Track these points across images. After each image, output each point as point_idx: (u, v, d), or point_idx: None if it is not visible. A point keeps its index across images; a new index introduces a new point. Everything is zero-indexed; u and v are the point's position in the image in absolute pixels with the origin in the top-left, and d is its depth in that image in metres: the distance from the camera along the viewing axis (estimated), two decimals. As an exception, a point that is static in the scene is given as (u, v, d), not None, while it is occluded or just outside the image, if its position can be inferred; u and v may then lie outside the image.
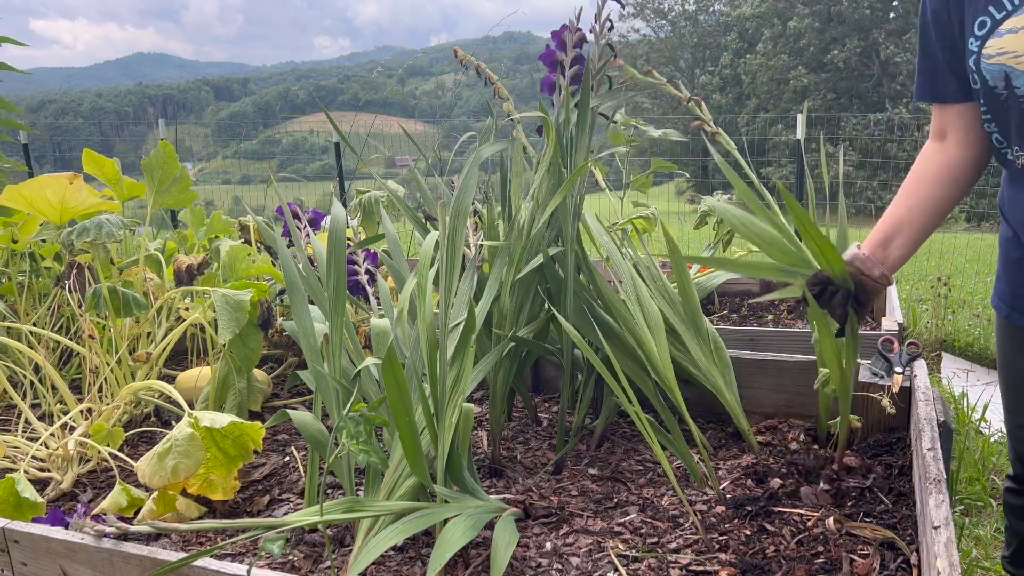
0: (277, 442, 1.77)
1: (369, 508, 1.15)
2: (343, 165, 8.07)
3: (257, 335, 1.80)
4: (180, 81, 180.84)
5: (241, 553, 1.30)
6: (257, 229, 2.52)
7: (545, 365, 1.99)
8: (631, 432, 1.73)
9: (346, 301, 1.42)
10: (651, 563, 1.20)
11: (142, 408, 1.89)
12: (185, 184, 2.15)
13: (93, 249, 1.95)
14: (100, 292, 1.74)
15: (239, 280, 1.94)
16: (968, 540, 2.42)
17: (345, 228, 1.44)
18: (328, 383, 1.37)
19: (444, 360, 1.22)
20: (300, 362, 2.25)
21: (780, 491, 1.39)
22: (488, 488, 1.46)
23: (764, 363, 1.73)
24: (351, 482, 1.34)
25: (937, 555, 0.97)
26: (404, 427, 1.14)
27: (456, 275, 1.29)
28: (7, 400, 2.06)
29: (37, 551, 1.17)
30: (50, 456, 1.61)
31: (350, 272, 1.87)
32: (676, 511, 1.37)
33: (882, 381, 1.57)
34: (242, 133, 22.30)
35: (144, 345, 1.98)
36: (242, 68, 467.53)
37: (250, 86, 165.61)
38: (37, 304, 2.27)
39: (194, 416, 1.40)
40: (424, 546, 1.28)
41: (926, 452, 1.26)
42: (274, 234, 1.47)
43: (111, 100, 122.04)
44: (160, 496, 1.38)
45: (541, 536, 1.30)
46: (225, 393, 1.78)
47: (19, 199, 1.92)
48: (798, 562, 1.16)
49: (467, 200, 1.34)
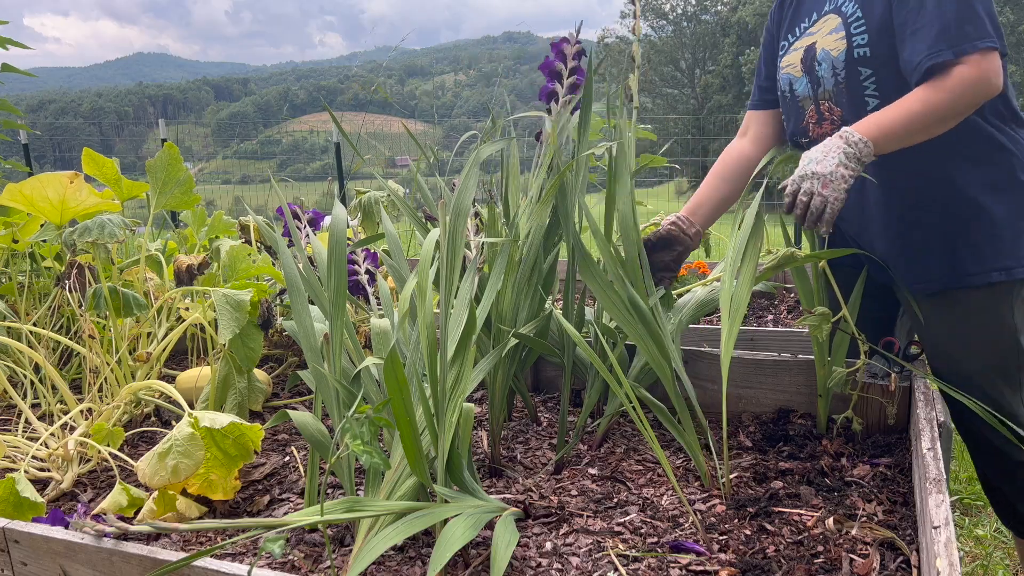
0: (277, 442, 1.77)
1: (369, 508, 1.15)
2: (343, 165, 8.08)
3: (257, 335, 1.81)
4: (180, 81, 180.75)
5: (241, 553, 1.30)
6: (257, 229, 2.52)
7: (545, 365, 1.99)
8: (632, 431, 1.73)
9: (346, 301, 1.42)
10: (651, 563, 1.20)
11: (142, 408, 1.89)
12: (188, 186, 2.15)
13: (94, 249, 1.95)
14: (100, 292, 1.74)
15: (239, 280, 1.94)
16: (968, 540, 2.42)
17: (345, 228, 1.44)
18: (328, 383, 1.37)
19: (444, 360, 1.22)
20: (300, 362, 2.25)
21: (780, 491, 1.39)
22: (488, 488, 1.46)
23: (764, 363, 1.73)
24: (351, 482, 1.34)
25: (937, 555, 0.97)
26: (405, 427, 1.14)
27: (456, 275, 1.29)
28: (7, 400, 2.06)
29: (37, 551, 1.17)
30: (50, 456, 1.61)
31: (350, 272, 1.87)
32: (676, 511, 1.37)
33: (880, 381, 1.57)
34: (242, 133, 22.32)
35: (144, 345, 1.98)
36: (242, 68, 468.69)
37: (250, 86, 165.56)
38: (37, 304, 2.27)
39: (194, 416, 1.40)
40: (424, 546, 1.28)
41: (926, 452, 1.26)
42: (274, 234, 1.47)
43: (111, 100, 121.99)
44: (160, 496, 1.38)
45: (541, 536, 1.30)
46: (225, 393, 1.78)
47: (19, 198, 1.92)
48: (798, 562, 1.16)
49: (467, 200, 1.34)
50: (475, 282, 1.36)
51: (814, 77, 1.64)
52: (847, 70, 1.57)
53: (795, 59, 1.69)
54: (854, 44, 1.55)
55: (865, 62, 1.55)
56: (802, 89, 1.68)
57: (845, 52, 1.56)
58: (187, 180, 2.13)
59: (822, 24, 1.63)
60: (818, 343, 1.60)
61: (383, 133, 12.10)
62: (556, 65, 1.66)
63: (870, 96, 1.57)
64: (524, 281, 1.58)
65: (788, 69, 1.72)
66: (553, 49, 1.67)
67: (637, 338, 1.50)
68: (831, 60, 1.59)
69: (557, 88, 1.65)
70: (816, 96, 1.66)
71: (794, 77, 1.70)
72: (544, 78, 1.67)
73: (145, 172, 2.13)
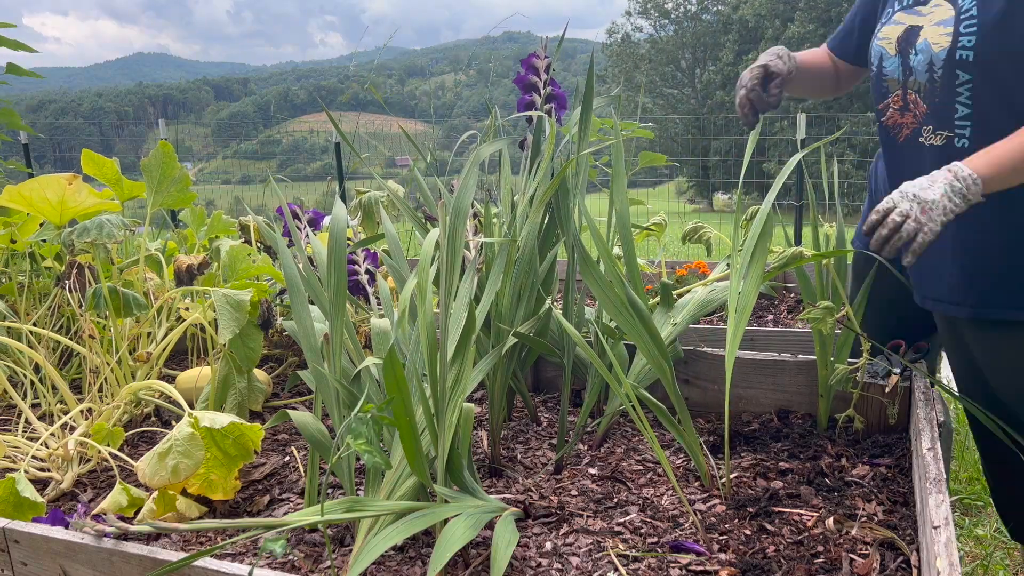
0: (277, 442, 1.77)
1: (369, 508, 1.15)
2: (343, 165, 8.08)
3: (257, 335, 1.81)
4: (180, 81, 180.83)
5: (241, 553, 1.30)
6: (257, 229, 2.52)
7: (545, 365, 1.99)
8: (632, 431, 1.73)
9: (346, 301, 1.42)
10: (651, 563, 1.20)
11: (142, 408, 1.89)
12: (184, 184, 2.15)
13: (93, 249, 1.95)
14: (100, 292, 1.74)
15: (239, 280, 1.94)
16: (968, 540, 2.42)
17: (346, 228, 1.44)
18: (328, 383, 1.37)
19: (444, 360, 1.22)
20: (300, 362, 2.26)
21: (780, 491, 1.39)
22: (488, 488, 1.46)
23: (763, 363, 1.73)
24: (351, 482, 1.34)
25: (937, 555, 0.97)
26: (405, 427, 1.14)
27: (456, 275, 1.29)
28: (7, 400, 2.06)
29: (37, 551, 1.17)
30: (50, 456, 1.61)
31: (350, 272, 1.88)
32: (676, 511, 1.37)
33: (880, 381, 1.57)
34: (242, 133, 22.32)
35: (144, 345, 1.98)
36: (242, 68, 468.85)
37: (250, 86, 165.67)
38: (37, 304, 2.27)
39: (194, 416, 1.40)
40: (424, 546, 1.28)
41: (926, 452, 1.26)
42: (274, 234, 1.47)
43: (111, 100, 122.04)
44: (160, 496, 1.38)
45: (541, 536, 1.30)
46: (225, 393, 1.78)
47: (19, 199, 1.92)
48: (798, 562, 1.16)
49: (467, 200, 1.34)
50: (474, 282, 1.36)
51: (907, 63, 1.53)
52: (944, 70, 1.45)
53: (892, 34, 1.55)
54: (959, 44, 1.42)
55: (965, 66, 1.43)
56: (892, 69, 1.56)
57: (947, 50, 1.44)
58: (183, 178, 2.13)
59: (933, 8, 1.49)
60: (821, 343, 1.60)
61: (383, 133, 12.10)
62: (530, 78, 1.78)
63: (961, 104, 1.45)
64: (522, 280, 1.58)
65: (883, 42, 1.58)
66: (523, 64, 1.79)
67: (636, 338, 1.50)
68: (930, 54, 1.47)
69: (535, 99, 1.77)
70: (905, 83, 1.54)
71: (886, 53, 1.57)
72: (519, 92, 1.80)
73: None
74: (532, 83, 1.79)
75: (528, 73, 1.79)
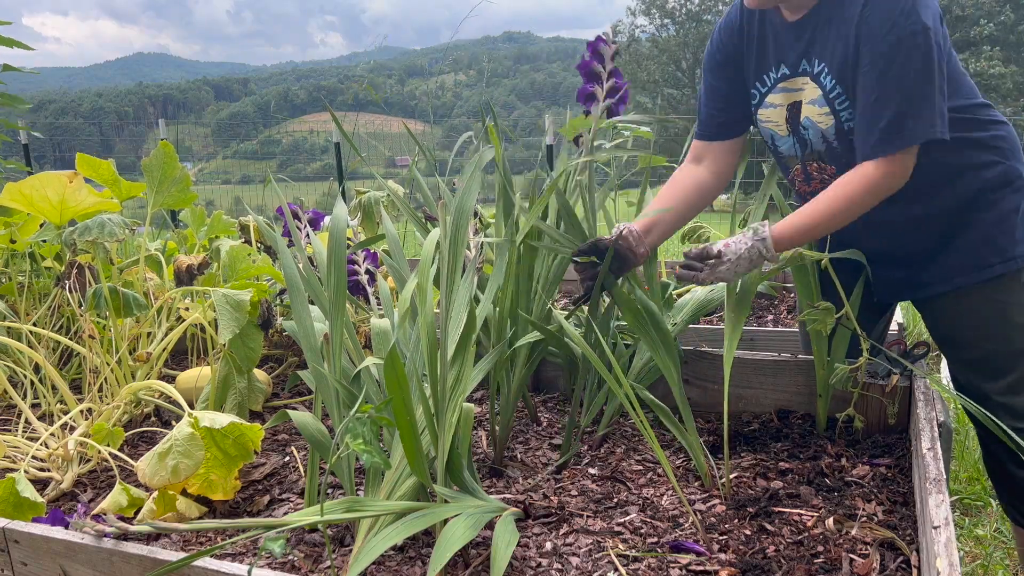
0: (277, 442, 1.77)
1: (369, 508, 1.15)
2: (343, 165, 8.08)
3: (257, 335, 1.81)
4: (180, 81, 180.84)
5: (241, 553, 1.30)
6: (257, 229, 2.52)
7: (545, 365, 1.99)
8: (632, 431, 1.73)
9: (346, 301, 1.41)
10: (651, 563, 1.20)
11: (142, 408, 1.89)
12: (185, 184, 2.15)
13: (94, 249, 1.95)
14: (100, 292, 1.74)
15: (239, 280, 1.94)
16: (968, 540, 2.42)
17: (346, 228, 1.44)
18: (328, 383, 1.37)
19: (444, 360, 1.22)
20: (300, 362, 2.25)
21: (780, 491, 1.39)
22: (488, 488, 1.46)
23: (764, 363, 1.73)
24: (351, 482, 1.34)
25: (937, 555, 0.97)
26: (405, 427, 1.14)
27: (457, 276, 1.29)
28: (7, 400, 2.06)
29: (37, 551, 1.17)
30: (50, 456, 1.61)
31: (350, 272, 1.87)
32: (676, 511, 1.37)
33: (880, 381, 1.57)
34: (242, 133, 22.31)
35: (144, 345, 1.98)
36: (242, 68, 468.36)
37: (250, 86, 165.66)
38: (37, 304, 2.27)
39: (194, 416, 1.40)
40: (424, 546, 1.28)
41: (926, 452, 1.26)
42: (274, 234, 1.47)
43: (111, 100, 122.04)
44: (160, 496, 1.38)
45: (541, 536, 1.30)
46: (225, 393, 1.78)
47: (19, 198, 1.92)
48: (798, 562, 1.16)
49: (470, 201, 1.34)
50: (475, 282, 1.36)
51: (801, 139, 1.59)
52: (839, 139, 1.53)
53: (776, 116, 1.61)
54: (842, 119, 1.50)
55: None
56: (787, 148, 1.63)
57: (835, 126, 1.52)
58: (183, 178, 2.13)
59: (798, 84, 1.55)
60: (818, 342, 1.60)
61: (383, 133, 12.10)
62: (594, 66, 1.62)
63: None
64: (524, 281, 1.58)
65: (769, 125, 1.64)
66: (589, 49, 1.62)
67: (649, 340, 1.51)
68: (820, 131, 1.54)
69: (597, 91, 1.62)
70: (803, 157, 1.61)
71: (778, 135, 1.63)
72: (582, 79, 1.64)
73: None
74: (595, 72, 1.62)
75: (592, 60, 1.62)
